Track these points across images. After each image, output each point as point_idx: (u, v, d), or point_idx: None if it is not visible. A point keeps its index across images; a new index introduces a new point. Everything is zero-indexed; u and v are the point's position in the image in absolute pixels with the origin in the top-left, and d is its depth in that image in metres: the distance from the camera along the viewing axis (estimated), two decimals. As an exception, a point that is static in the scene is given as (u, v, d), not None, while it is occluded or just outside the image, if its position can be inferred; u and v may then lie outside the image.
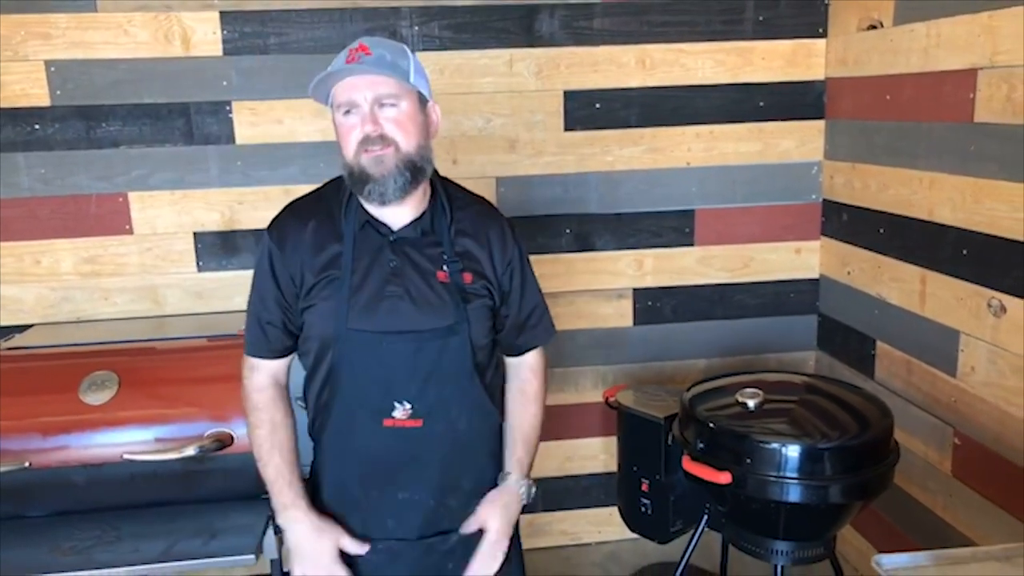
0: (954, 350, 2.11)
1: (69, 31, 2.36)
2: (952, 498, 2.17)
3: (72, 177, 2.45)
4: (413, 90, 1.44)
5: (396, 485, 1.54)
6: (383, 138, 1.40)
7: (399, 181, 1.42)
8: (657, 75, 2.62)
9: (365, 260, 1.48)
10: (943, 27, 2.07)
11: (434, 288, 1.48)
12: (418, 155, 1.44)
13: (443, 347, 1.48)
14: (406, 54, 1.46)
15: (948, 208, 2.10)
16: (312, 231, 1.50)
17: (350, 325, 1.46)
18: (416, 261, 1.49)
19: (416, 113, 1.44)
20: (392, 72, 1.40)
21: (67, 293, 2.52)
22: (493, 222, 1.58)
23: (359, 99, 1.40)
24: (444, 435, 1.53)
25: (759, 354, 2.85)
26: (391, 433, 1.50)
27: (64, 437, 1.96)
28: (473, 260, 1.52)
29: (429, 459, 1.54)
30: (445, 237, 1.50)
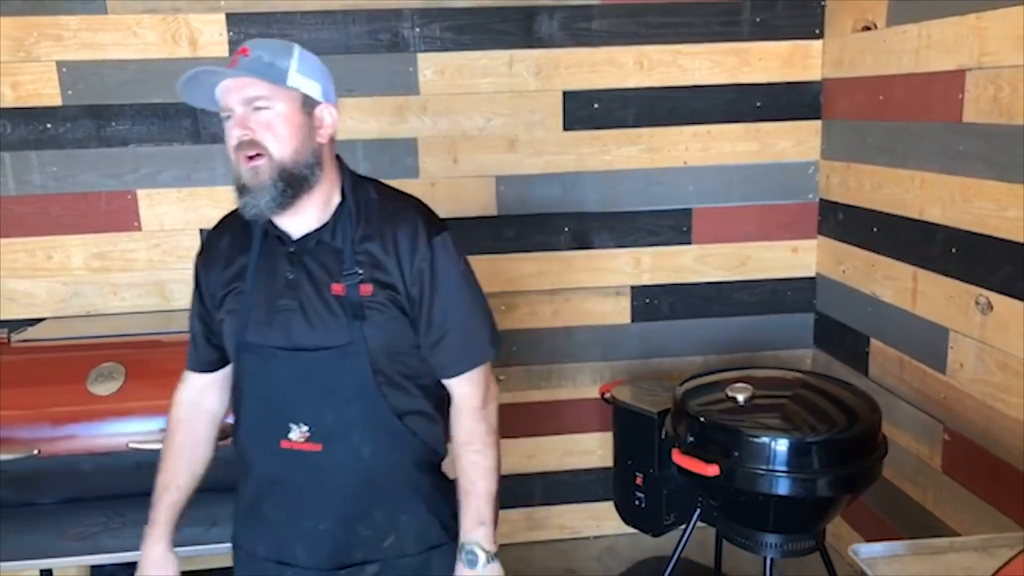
0: (944, 347, 2.14)
1: (80, 32, 2.43)
2: (942, 492, 2.20)
3: (83, 175, 2.52)
4: (293, 92, 1.34)
5: (302, 512, 1.44)
6: (254, 143, 1.31)
7: (272, 193, 1.32)
8: (655, 75, 2.65)
9: (265, 272, 1.41)
10: (933, 28, 2.10)
11: (327, 303, 1.38)
12: (294, 162, 1.33)
13: (339, 366, 1.38)
14: (289, 53, 1.36)
15: (938, 207, 2.13)
16: (227, 243, 1.47)
17: (247, 338, 1.41)
18: (313, 273, 1.39)
19: (295, 115, 1.34)
20: (261, 74, 1.31)
21: (77, 288, 2.58)
22: (404, 221, 1.41)
23: (232, 103, 1.32)
24: (347, 462, 1.42)
25: (756, 351, 2.88)
26: (290, 456, 1.41)
27: (72, 426, 2.03)
28: (378, 267, 1.39)
29: (333, 487, 1.43)
30: (347, 245, 1.39)
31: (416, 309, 1.41)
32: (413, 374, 1.45)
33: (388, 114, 2.58)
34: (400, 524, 1.46)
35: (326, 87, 1.39)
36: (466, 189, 2.66)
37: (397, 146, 2.60)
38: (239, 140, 1.32)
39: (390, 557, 1.46)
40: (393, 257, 1.39)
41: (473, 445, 1.45)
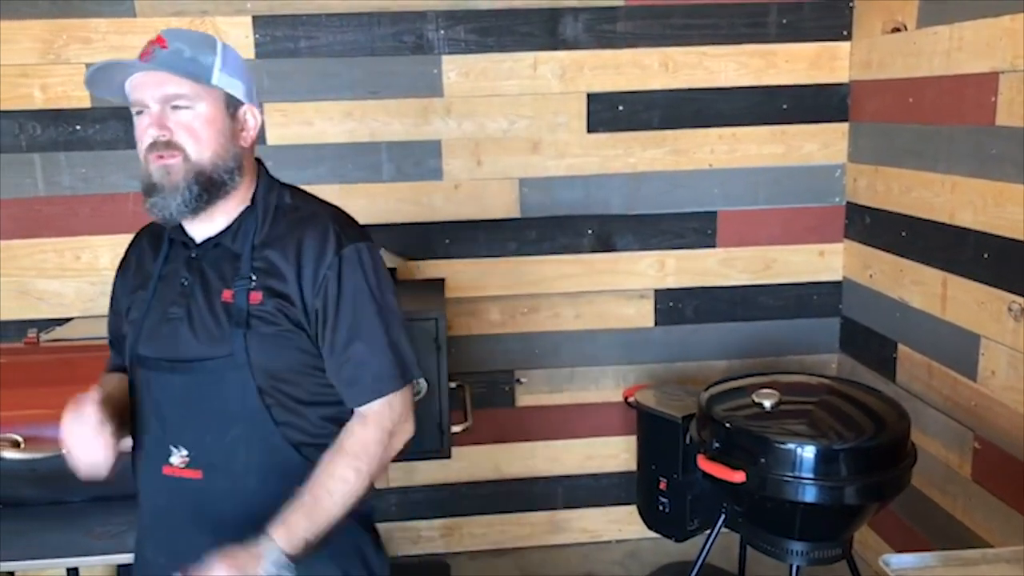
0: (974, 354, 2.11)
1: (109, 35, 2.45)
2: (971, 501, 2.16)
3: (111, 176, 2.54)
4: (216, 91, 1.25)
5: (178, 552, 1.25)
6: (171, 144, 1.22)
7: (184, 196, 1.22)
8: (680, 77, 2.64)
9: (167, 278, 1.32)
10: (965, 30, 2.07)
11: (215, 311, 1.27)
12: (212, 165, 1.24)
13: (219, 381, 1.25)
14: (212, 49, 1.26)
15: (969, 211, 2.09)
16: (140, 251, 1.40)
17: (139, 351, 1.31)
18: (207, 279, 1.29)
19: (217, 117, 1.25)
20: (183, 71, 1.21)
21: (105, 288, 2.55)
22: (313, 227, 1.29)
23: (147, 99, 1.22)
24: (230, 494, 1.26)
25: (780, 356, 2.85)
26: (171, 484, 1.27)
27: (100, 426, 2.04)
28: (273, 275, 1.27)
29: (215, 523, 1.26)
30: (246, 249, 1.28)
31: (317, 325, 1.28)
32: (313, 400, 1.30)
33: (412, 116, 2.58)
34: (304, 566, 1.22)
35: (249, 87, 1.31)
36: (489, 191, 2.66)
37: (421, 148, 2.61)
38: (154, 140, 1.22)
39: None
40: (293, 265, 1.27)
41: (357, 460, 1.25)
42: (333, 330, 1.28)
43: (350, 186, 2.61)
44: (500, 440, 2.84)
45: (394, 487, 2.83)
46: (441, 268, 2.68)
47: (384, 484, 2.80)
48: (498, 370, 2.79)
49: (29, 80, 2.46)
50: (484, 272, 2.72)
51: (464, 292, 2.71)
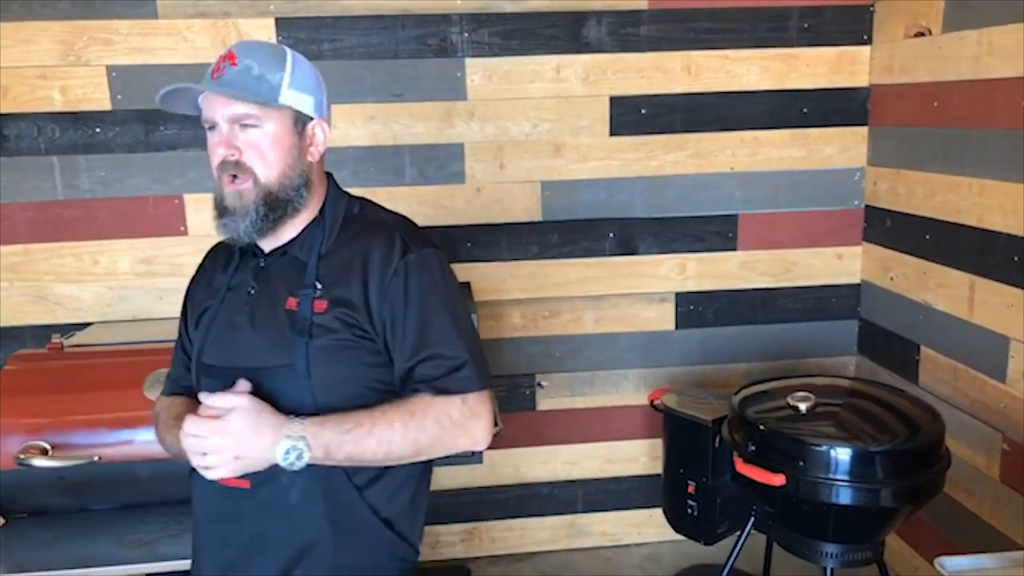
0: (1004, 356, 2.12)
1: (131, 37, 2.42)
2: (999, 503, 2.18)
3: (131, 179, 2.51)
4: (284, 109, 1.25)
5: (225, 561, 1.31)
6: (239, 165, 1.23)
7: (252, 218, 1.24)
8: (702, 81, 2.64)
9: (235, 289, 1.34)
10: (995, 35, 2.09)
11: (279, 319, 1.26)
12: (279, 185, 1.25)
13: (276, 392, 1.23)
14: (282, 65, 1.26)
15: (999, 215, 2.11)
16: (212, 264, 1.42)
17: (203, 359, 1.32)
18: (274, 288, 1.30)
19: (284, 136, 1.25)
20: (251, 91, 1.22)
21: (124, 293, 2.58)
22: (379, 236, 1.29)
23: (217, 117, 1.24)
24: (273, 506, 1.26)
25: (800, 358, 2.87)
26: (223, 494, 1.26)
27: (129, 432, 2.02)
28: (338, 283, 1.26)
29: (256, 532, 1.28)
30: (312, 257, 1.28)
31: (387, 333, 1.26)
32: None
33: (436, 119, 2.57)
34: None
35: (319, 99, 1.31)
36: (512, 194, 2.66)
37: (444, 151, 2.60)
38: (223, 159, 1.24)
39: None
40: (360, 273, 1.26)
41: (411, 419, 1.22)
42: (403, 335, 1.26)
43: (372, 189, 2.58)
44: (521, 444, 2.83)
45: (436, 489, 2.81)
46: (463, 272, 2.67)
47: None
48: (519, 374, 2.78)
49: (48, 82, 2.43)
50: (506, 275, 2.71)
51: (486, 296, 2.70)
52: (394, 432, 1.22)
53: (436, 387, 1.25)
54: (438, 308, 1.28)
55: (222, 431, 1.17)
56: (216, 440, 1.17)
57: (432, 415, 1.24)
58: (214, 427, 1.18)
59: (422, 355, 1.26)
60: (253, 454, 1.18)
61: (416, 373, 1.26)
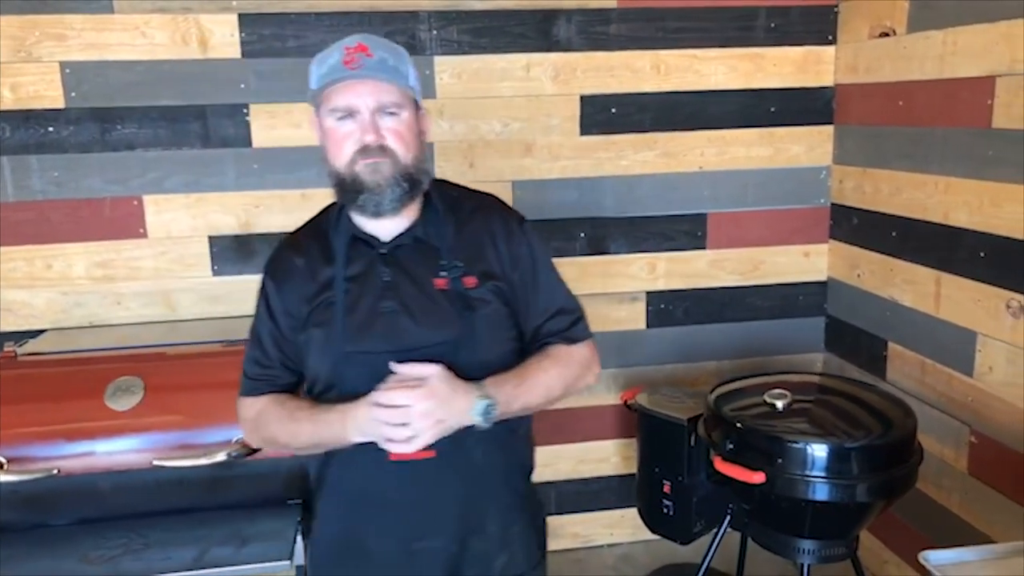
0: (971, 351, 2.16)
1: (85, 32, 2.33)
2: (968, 495, 2.22)
3: (86, 180, 2.42)
4: (412, 98, 1.35)
5: (411, 532, 1.37)
6: (384, 150, 1.30)
7: (396, 192, 1.31)
8: (672, 80, 2.65)
9: (359, 278, 1.37)
10: (959, 35, 2.12)
11: (433, 298, 1.35)
12: (415, 167, 1.34)
13: (451, 364, 1.31)
14: (405, 57, 1.36)
15: (964, 212, 2.15)
16: (306, 258, 1.41)
17: (347, 348, 1.35)
18: (411, 271, 1.37)
19: (414, 122, 1.36)
20: (396, 79, 1.31)
21: (79, 298, 2.48)
22: (496, 215, 1.44)
23: (360, 105, 1.30)
24: (461, 468, 1.36)
25: (769, 356, 2.89)
26: (399, 468, 1.33)
27: (89, 443, 1.94)
28: (477, 260, 1.38)
29: (446, 497, 1.37)
30: (442, 241, 1.38)
31: (523, 293, 1.40)
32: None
33: (404, 118, 2.53)
34: (513, 537, 1.42)
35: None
36: (482, 194, 2.62)
37: (413, 151, 2.55)
38: (365, 144, 1.30)
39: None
40: (491, 245, 1.39)
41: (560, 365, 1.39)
42: (535, 296, 1.42)
43: (340, 190, 2.54)
44: (493, 447, 2.80)
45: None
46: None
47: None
48: (491, 376, 2.75)
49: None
50: (476, 276, 2.67)
51: (456, 297, 2.66)
52: (550, 378, 1.38)
53: (566, 337, 1.43)
54: (551, 268, 1.46)
55: (428, 396, 1.25)
56: (423, 406, 1.25)
57: (572, 360, 1.42)
58: (419, 393, 1.25)
59: (552, 311, 1.43)
60: (454, 416, 1.28)
61: (547, 327, 1.42)
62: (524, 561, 1.45)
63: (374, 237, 1.39)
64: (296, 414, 1.39)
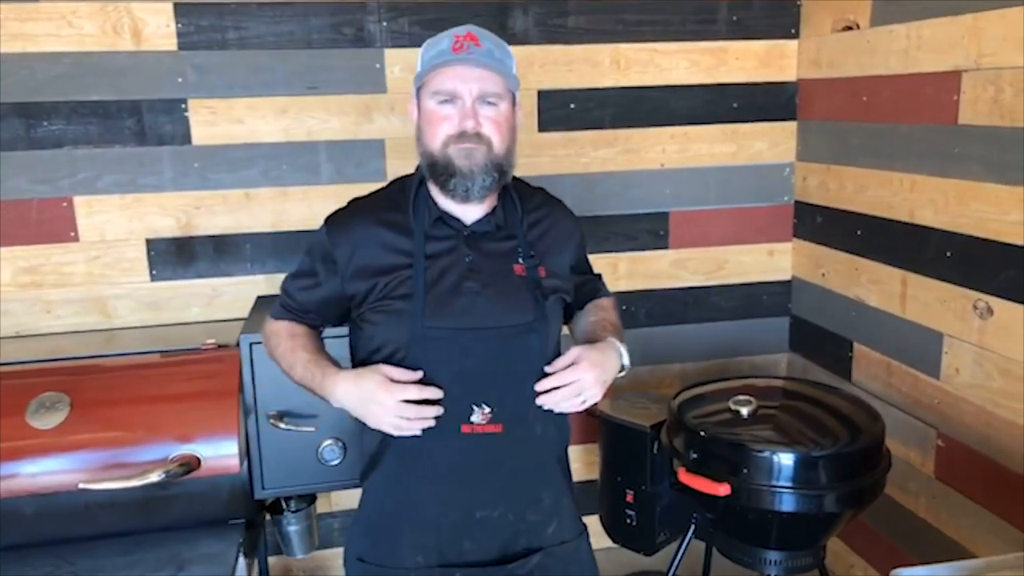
0: (937, 352, 2.11)
1: (7, 22, 2.17)
2: (935, 500, 2.17)
3: (10, 180, 2.26)
4: (512, 91, 1.43)
5: (474, 502, 1.44)
6: (479, 136, 1.37)
7: (486, 180, 1.39)
8: (632, 75, 2.56)
9: (440, 256, 1.43)
10: (924, 29, 2.07)
11: (512, 283, 1.44)
12: (506, 158, 1.42)
13: (523, 345, 1.41)
14: (509, 52, 1.45)
15: (930, 210, 2.10)
16: (379, 228, 1.45)
17: (427, 323, 1.39)
18: (492, 256, 1.45)
19: (511, 115, 1.43)
20: (500, 69, 1.39)
21: (5, 306, 2.32)
22: (560, 211, 1.59)
23: (463, 91, 1.37)
24: (523, 442, 1.45)
25: (733, 357, 2.83)
26: (468, 441, 1.41)
27: (11, 465, 1.80)
28: (547, 253, 1.50)
29: (508, 469, 1.45)
30: (519, 230, 1.48)
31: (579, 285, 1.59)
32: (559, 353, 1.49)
33: (353, 114, 2.41)
34: (562, 508, 1.52)
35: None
36: (436, 193, 2.51)
37: (363, 148, 2.44)
38: (463, 130, 1.36)
39: (552, 545, 1.49)
40: (559, 245, 1.53)
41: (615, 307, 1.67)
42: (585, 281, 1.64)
43: (286, 189, 2.42)
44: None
45: (336, 511, 2.65)
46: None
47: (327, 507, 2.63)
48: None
49: (-89, 71, 2.16)
50: (432, 279, 2.56)
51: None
52: (617, 316, 1.63)
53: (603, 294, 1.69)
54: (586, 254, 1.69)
55: (592, 366, 1.38)
56: (592, 374, 1.38)
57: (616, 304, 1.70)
58: (585, 366, 1.37)
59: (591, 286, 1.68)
60: (610, 372, 1.44)
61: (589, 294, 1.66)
62: (570, 529, 1.54)
63: (457, 219, 1.45)
64: (297, 353, 1.51)
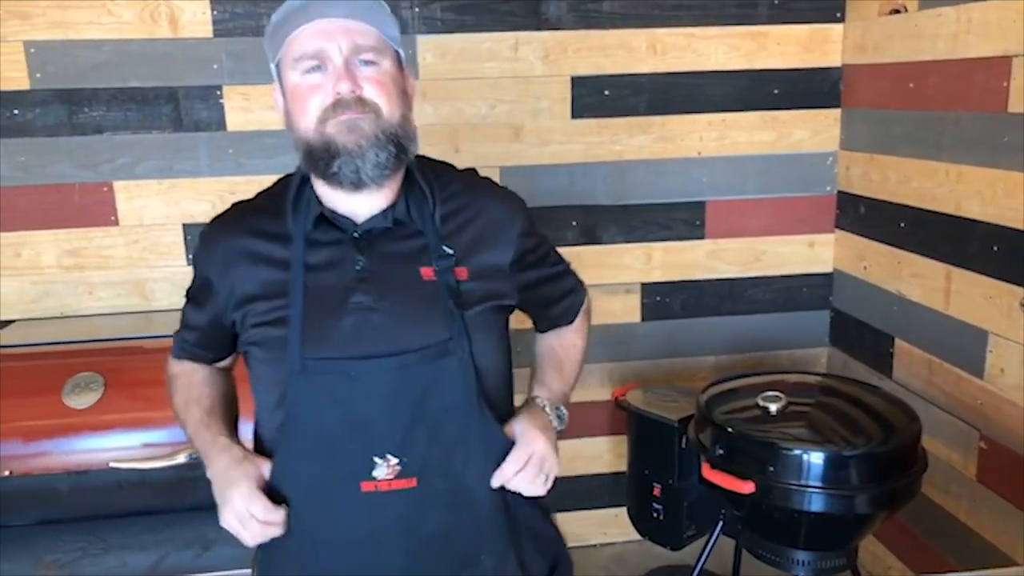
0: (982, 350, 2.02)
1: (49, 10, 2.22)
2: (976, 503, 2.09)
3: (54, 165, 2.32)
4: (393, 49, 1.13)
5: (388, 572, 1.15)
6: (363, 102, 1.07)
7: (381, 156, 1.07)
8: (668, 60, 2.50)
9: (322, 267, 1.13)
10: (974, 12, 1.97)
11: (418, 293, 1.13)
12: (402, 127, 1.11)
13: (436, 372, 1.11)
14: (386, 8, 1.15)
15: (977, 202, 2.00)
16: (251, 235, 1.16)
17: (306, 354, 1.09)
18: (391, 259, 1.14)
19: (398, 76, 1.13)
20: (373, 22, 1.09)
21: (49, 287, 2.39)
22: (489, 193, 1.24)
23: (331, 50, 1.06)
24: (448, 496, 1.14)
25: (769, 351, 2.76)
26: (374, 502, 1.11)
27: (46, 442, 1.85)
28: (472, 249, 1.17)
29: (432, 532, 1.14)
30: (428, 223, 1.15)
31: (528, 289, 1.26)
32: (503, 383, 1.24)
33: (385, 100, 2.41)
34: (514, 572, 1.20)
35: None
36: (468, 181, 2.50)
37: (395, 135, 2.43)
38: (339, 97, 1.06)
39: None
40: (489, 232, 1.19)
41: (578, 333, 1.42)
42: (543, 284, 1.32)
43: (318, 176, 2.43)
44: (480, 443, 2.69)
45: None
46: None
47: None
48: (478, 370, 2.64)
49: (-41, 59, 2.22)
50: (463, 267, 2.56)
51: (442, 288, 2.55)
52: (578, 352, 1.40)
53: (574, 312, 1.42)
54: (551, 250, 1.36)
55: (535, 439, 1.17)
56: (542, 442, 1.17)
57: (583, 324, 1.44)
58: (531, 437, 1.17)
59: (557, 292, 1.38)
60: (553, 441, 1.21)
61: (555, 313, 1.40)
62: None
63: (345, 217, 1.14)
64: (191, 409, 1.25)
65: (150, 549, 1.82)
